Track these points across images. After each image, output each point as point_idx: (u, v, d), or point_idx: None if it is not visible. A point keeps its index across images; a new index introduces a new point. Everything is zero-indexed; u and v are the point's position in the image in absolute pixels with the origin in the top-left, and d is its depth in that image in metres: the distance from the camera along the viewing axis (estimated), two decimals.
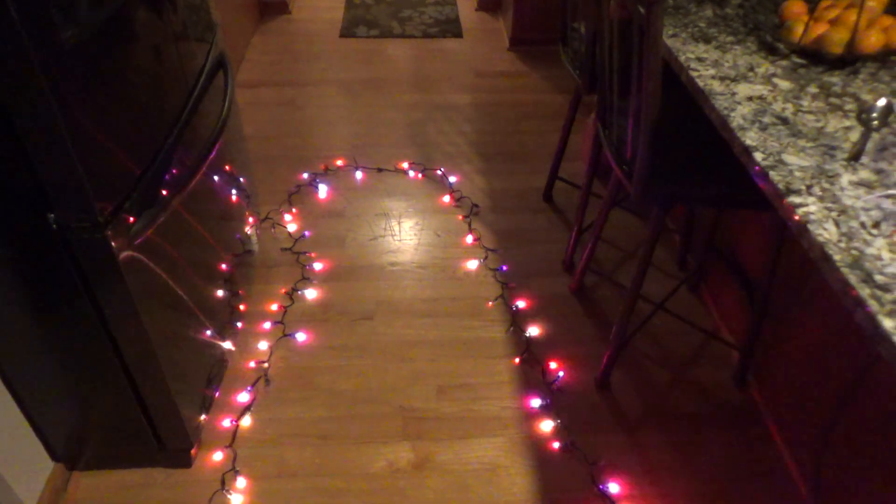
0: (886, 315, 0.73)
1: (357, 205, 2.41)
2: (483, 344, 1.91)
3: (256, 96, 3.03)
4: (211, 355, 1.70)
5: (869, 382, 1.21)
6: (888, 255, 0.80)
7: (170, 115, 1.39)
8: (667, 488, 1.56)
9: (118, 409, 1.45)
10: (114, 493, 1.52)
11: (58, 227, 1.10)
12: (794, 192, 0.90)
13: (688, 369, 1.86)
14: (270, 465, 1.59)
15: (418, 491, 1.55)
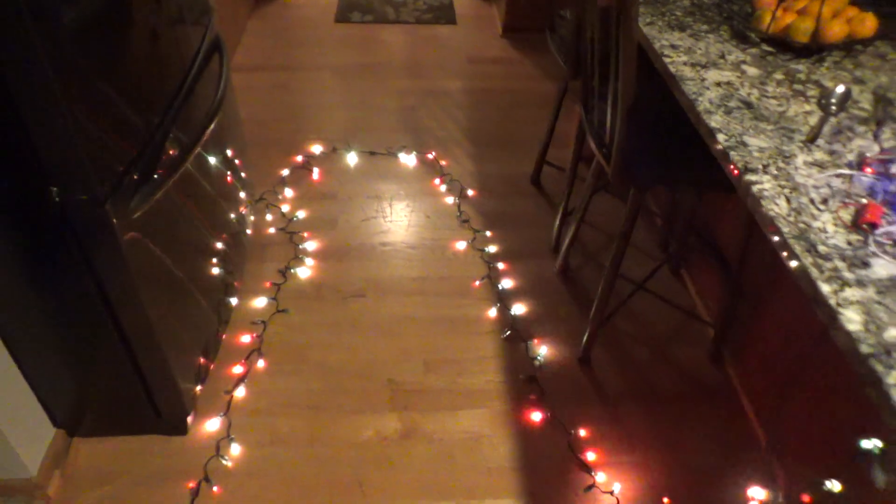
0: (825, 281, 0.79)
1: (349, 187, 2.47)
2: (470, 321, 1.98)
3: (251, 80, 3.07)
4: (206, 329, 1.76)
5: (822, 352, 1.29)
6: (832, 229, 0.87)
7: (166, 95, 1.45)
8: (642, 457, 1.64)
9: (117, 379, 1.52)
10: (112, 458, 1.59)
11: (59, 201, 1.16)
12: (751, 171, 0.97)
13: (666, 347, 1.93)
14: (263, 433, 1.66)
15: (405, 458, 1.62)
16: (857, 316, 0.75)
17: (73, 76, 1.07)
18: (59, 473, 1.55)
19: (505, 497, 1.55)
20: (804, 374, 1.36)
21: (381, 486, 1.56)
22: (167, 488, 1.54)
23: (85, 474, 1.56)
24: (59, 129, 1.09)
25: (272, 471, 1.58)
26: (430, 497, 1.54)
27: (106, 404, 1.59)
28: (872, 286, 0.79)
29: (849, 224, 0.88)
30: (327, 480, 1.57)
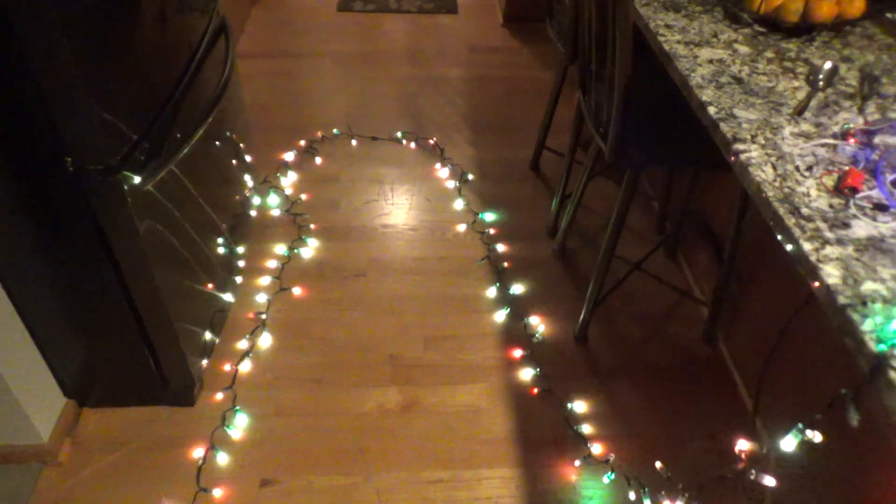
0: (807, 240, 0.84)
1: (351, 171, 2.51)
2: (469, 300, 2.02)
3: (254, 67, 3.11)
4: (212, 305, 1.80)
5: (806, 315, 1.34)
6: (815, 193, 0.91)
7: (175, 72, 1.49)
8: (635, 430, 1.68)
9: (126, 349, 1.56)
10: (121, 427, 1.64)
11: (73, 171, 1.20)
12: (739, 141, 1.01)
13: (661, 326, 1.97)
14: (268, 405, 1.71)
15: (405, 430, 1.67)
16: (837, 271, 0.80)
17: (89, 54, 1.11)
18: (70, 441, 1.59)
19: (502, 466, 1.60)
20: (788, 340, 1.41)
21: (381, 455, 1.61)
22: (174, 456, 1.58)
23: (95, 442, 1.61)
24: (76, 101, 1.13)
25: (276, 440, 1.63)
26: (429, 465, 1.59)
27: (115, 375, 1.64)
28: (851, 245, 0.84)
29: (831, 189, 0.92)
30: (330, 449, 1.62)
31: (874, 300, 0.76)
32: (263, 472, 1.56)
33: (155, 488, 1.52)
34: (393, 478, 1.56)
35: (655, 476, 1.56)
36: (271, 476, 1.56)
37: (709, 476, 1.34)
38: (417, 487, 1.55)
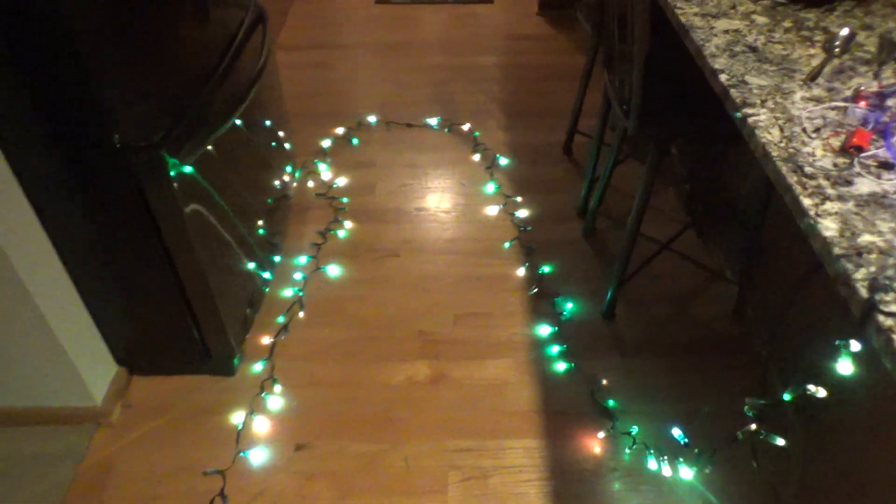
0: (807, 196, 0.86)
1: (386, 157, 2.58)
2: (498, 279, 2.07)
3: (294, 59, 3.21)
4: (252, 282, 1.90)
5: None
6: (820, 153, 0.93)
7: (214, 58, 1.58)
8: (661, 405, 1.70)
9: (172, 322, 1.66)
10: (167, 394, 1.74)
11: (120, 147, 1.29)
12: (748, 105, 1.03)
13: (689, 305, 1.98)
14: (303, 375, 1.79)
15: (433, 401, 1.73)
16: (834, 224, 0.81)
17: (134, 38, 1.20)
18: (121, 405, 1.71)
19: (526, 437, 1.64)
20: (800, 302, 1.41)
21: (409, 424, 1.67)
22: (216, 421, 1.68)
23: (143, 406, 1.71)
24: (122, 83, 1.22)
25: (310, 408, 1.71)
26: (455, 435, 1.64)
27: (162, 345, 1.74)
28: (852, 200, 0.85)
29: (837, 149, 0.93)
30: (360, 417, 1.69)
31: (870, 251, 0.78)
32: (298, 438, 1.64)
33: (198, 450, 1.61)
34: (420, 445, 1.62)
35: (675, 444, 1.58)
36: (305, 441, 1.64)
37: (723, 438, 1.34)
38: (443, 455, 1.60)
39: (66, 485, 1.54)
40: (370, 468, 1.58)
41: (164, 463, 1.59)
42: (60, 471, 1.57)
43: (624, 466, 1.57)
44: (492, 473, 1.57)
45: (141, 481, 1.55)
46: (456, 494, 1.53)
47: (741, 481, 1.51)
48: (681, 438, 1.57)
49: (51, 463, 1.58)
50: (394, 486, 1.55)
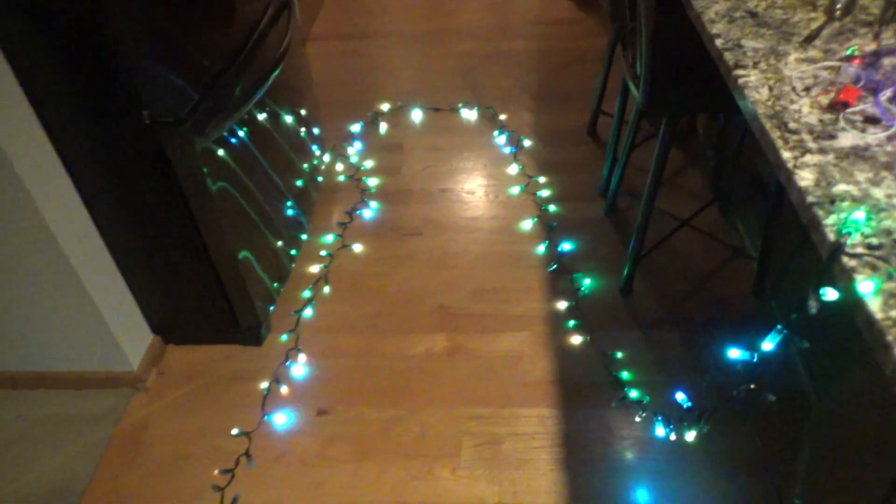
0: (788, 150, 0.87)
1: (413, 140, 2.64)
2: (518, 256, 2.10)
3: (327, 49, 3.30)
4: (279, 257, 1.98)
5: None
6: (807, 110, 0.94)
7: (239, 40, 1.66)
8: (676, 378, 1.71)
9: (203, 293, 1.75)
10: (199, 362, 1.84)
11: (149, 122, 1.38)
12: (740, 67, 1.04)
13: (709, 281, 1.98)
14: (327, 346, 1.86)
15: (450, 371, 1.78)
16: (811, 175, 0.83)
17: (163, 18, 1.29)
18: (155, 371, 1.81)
19: (540, 406, 1.68)
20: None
21: (427, 392, 1.73)
22: (244, 387, 1.77)
23: (176, 373, 1.82)
24: (151, 61, 1.31)
25: (332, 377, 1.78)
26: (470, 403, 1.69)
27: (194, 316, 1.84)
28: (833, 153, 0.86)
29: (825, 106, 0.94)
30: (380, 386, 1.75)
31: (843, 199, 0.79)
32: (320, 403, 1.72)
33: (226, 414, 1.71)
34: (436, 412, 1.68)
35: (681, 410, 1.59)
36: (327, 407, 1.71)
37: (722, 397, 1.36)
38: (458, 422, 1.66)
39: (105, 442, 1.66)
40: (388, 433, 1.64)
41: (195, 425, 1.69)
42: (100, 430, 1.68)
43: (634, 435, 1.59)
44: (504, 440, 1.61)
45: (173, 441, 1.65)
46: (469, 458, 1.58)
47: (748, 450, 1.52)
48: (684, 402, 1.58)
49: (91, 422, 1.70)
50: (410, 449, 1.61)
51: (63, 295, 1.55)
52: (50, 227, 1.42)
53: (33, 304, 1.58)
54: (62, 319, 1.62)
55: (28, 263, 1.49)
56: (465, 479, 1.54)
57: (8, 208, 1.38)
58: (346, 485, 1.54)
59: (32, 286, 1.54)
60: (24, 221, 1.40)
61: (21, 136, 1.34)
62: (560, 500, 1.48)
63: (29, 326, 1.63)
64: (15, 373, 1.74)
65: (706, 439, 1.54)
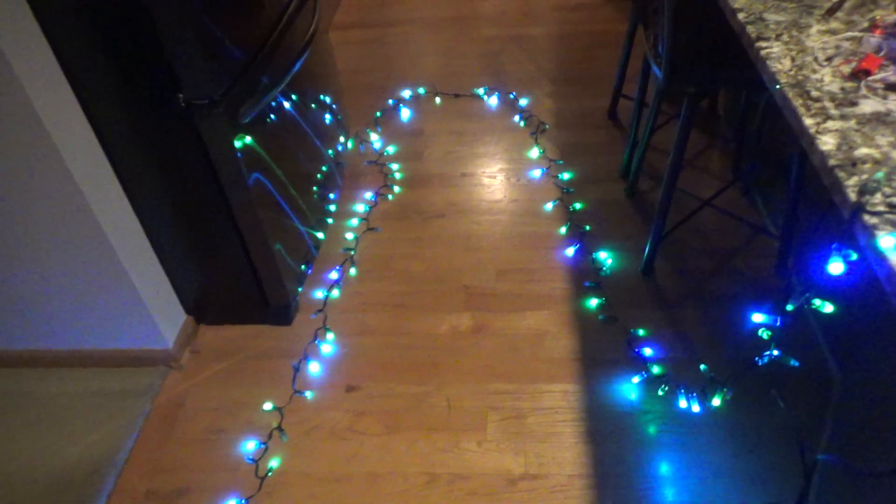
0: (810, 117, 0.90)
1: (435, 125, 2.68)
2: (541, 237, 2.13)
3: (348, 37, 3.35)
4: (307, 240, 2.03)
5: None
6: (829, 79, 0.96)
7: (268, 24, 1.71)
8: (698, 354, 1.73)
9: (235, 275, 1.81)
10: (230, 341, 1.90)
11: (185, 105, 1.43)
12: (763, 39, 1.06)
13: (731, 260, 1.99)
14: (354, 325, 1.91)
15: (475, 348, 1.82)
16: (833, 140, 0.85)
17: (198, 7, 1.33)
18: (189, 350, 1.87)
19: (563, 382, 1.71)
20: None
21: (453, 369, 1.77)
22: (275, 364, 1.82)
23: (209, 352, 1.88)
24: (188, 46, 1.36)
25: (361, 354, 1.83)
26: (495, 379, 1.73)
27: (225, 297, 1.90)
28: (854, 119, 0.88)
29: (846, 75, 0.96)
30: (407, 363, 1.80)
31: (864, 162, 0.81)
32: (349, 380, 1.77)
33: (258, 390, 1.76)
34: (462, 388, 1.72)
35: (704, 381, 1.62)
36: (356, 383, 1.76)
37: (744, 365, 1.37)
38: (483, 397, 1.70)
39: (143, 418, 1.72)
40: (415, 407, 1.69)
41: (229, 401, 1.74)
42: (138, 406, 1.75)
43: (657, 409, 1.62)
44: (529, 414, 1.65)
45: (209, 416, 1.71)
46: (494, 431, 1.62)
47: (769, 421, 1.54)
48: (707, 373, 1.61)
49: (130, 399, 1.76)
50: (437, 423, 1.65)
51: (104, 276, 1.61)
52: (93, 210, 1.47)
53: (77, 285, 1.64)
54: (105, 300, 1.68)
55: (73, 247, 1.55)
56: (491, 452, 1.58)
57: (53, 191, 1.44)
58: (377, 456, 1.59)
59: (77, 268, 1.60)
60: (67, 204, 1.46)
61: (63, 118, 1.39)
62: (585, 471, 1.52)
63: (73, 307, 1.70)
64: (59, 351, 1.81)
65: (728, 411, 1.56)
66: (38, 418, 1.74)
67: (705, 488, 1.46)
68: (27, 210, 1.48)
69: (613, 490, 1.48)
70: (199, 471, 1.60)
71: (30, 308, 1.71)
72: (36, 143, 1.36)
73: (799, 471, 1.28)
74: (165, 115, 1.47)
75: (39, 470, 1.62)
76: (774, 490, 1.43)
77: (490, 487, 1.51)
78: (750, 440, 1.52)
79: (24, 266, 1.61)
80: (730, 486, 1.46)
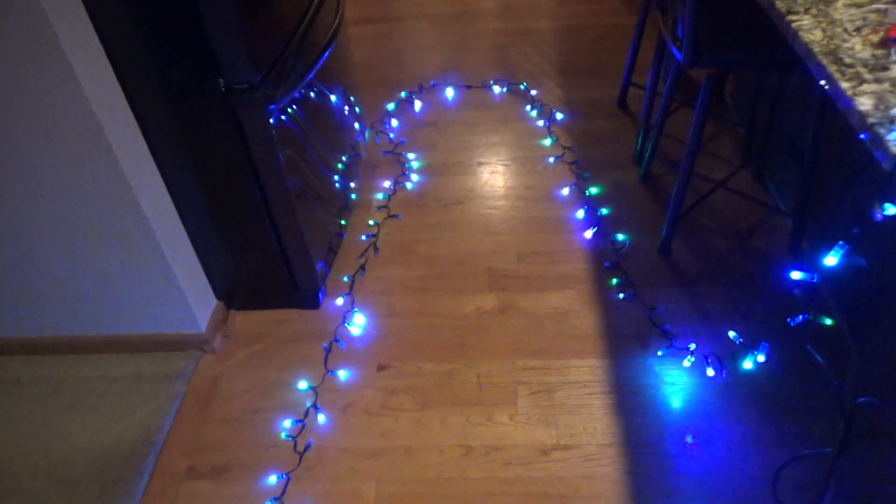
0: (846, 81, 0.95)
1: (447, 116, 2.73)
2: (559, 221, 2.19)
3: (359, 32, 3.39)
4: (332, 228, 2.07)
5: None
6: (860, 47, 1.02)
7: (299, 13, 1.75)
8: (718, 328, 1.79)
9: (265, 261, 1.85)
10: (260, 325, 1.94)
11: (225, 89, 1.47)
12: (793, 13, 1.12)
13: (745, 239, 2.05)
14: (381, 308, 1.96)
15: (501, 327, 1.86)
16: (870, 101, 0.91)
17: None
18: (220, 335, 1.91)
19: (590, 357, 1.76)
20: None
21: (480, 347, 1.81)
22: (305, 347, 1.86)
23: (240, 336, 1.92)
24: (230, 32, 1.40)
25: (389, 335, 1.88)
26: (522, 356, 1.78)
27: (255, 281, 1.94)
28: (888, 82, 0.94)
29: (876, 43, 1.02)
30: (435, 342, 1.84)
31: None
32: (379, 359, 1.81)
33: (291, 371, 1.80)
34: (490, 365, 1.77)
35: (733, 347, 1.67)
36: (386, 362, 1.80)
37: (776, 326, 1.42)
38: (512, 372, 1.74)
39: (180, 398, 1.75)
40: (446, 384, 1.73)
41: (263, 382, 1.78)
42: (174, 387, 1.78)
43: (683, 380, 1.67)
44: (557, 388, 1.70)
45: (244, 397, 1.75)
46: (525, 405, 1.66)
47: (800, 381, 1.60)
48: (736, 338, 1.67)
49: (166, 381, 1.80)
50: (468, 398, 1.69)
51: (144, 260, 1.65)
52: (136, 197, 1.51)
53: (115, 271, 1.67)
54: (141, 285, 1.71)
55: (114, 233, 1.59)
56: (523, 424, 1.62)
57: (98, 178, 1.48)
58: (412, 432, 1.63)
59: (117, 254, 1.63)
60: (112, 191, 1.50)
61: (108, 104, 1.43)
62: (616, 441, 1.57)
63: (110, 293, 1.73)
64: (94, 336, 1.84)
65: (758, 376, 1.62)
66: (75, 403, 1.77)
67: (735, 452, 1.51)
68: (69, 194, 1.52)
69: (645, 457, 1.53)
70: (238, 448, 1.64)
71: (69, 294, 1.74)
72: (84, 130, 1.39)
73: (832, 427, 1.34)
74: (204, 102, 1.51)
75: (79, 452, 1.65)
76: (810, 445, 1.48)
77: (525, 458, 1.56)
78: (781, 402, 1.58)
79: (64, 252, 1.64)
80: (761, 447, 1.51)
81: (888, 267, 1.42)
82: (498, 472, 1.54)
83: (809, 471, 1.44)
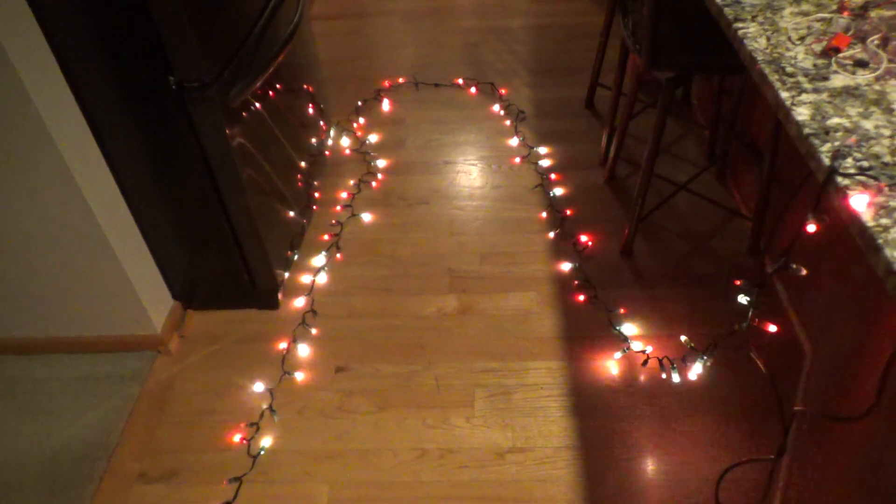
0: (786, 90, 0.95)
1: (416, 114, 2.71)
2: (522, 222, 2.18)
3: (329, 27, 3.36)
4: (292, 227, 2.05)
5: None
6: (802, 56, 1.02)
7: (255, 12, 1.72)
8: (676, 330, 1.80)
9: (222, 259, 1.82)
10: (218, 325, 1.91)
11: (176, 87, 1.45)
12: (740, 20, 1.12)
13: (707, 241, 2.07)
14: (341, 308, 1.94)
15: (462, 328, 1.86)
16: (807, 111, 0.91)
17: None
18: (177, 335, 1.88)
19: (548, 359, 1.76)
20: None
21: (440, 348, 1.81)
22: (263, 348, 1.84)
23: (197, 336, 1.89)
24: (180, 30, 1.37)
25: (349, 336, 1.86)
26: (481, 357, 1.78)
27: (213, 281, 1.91)
28: (826, 92, 0.94)
29: (818, 52, 1.02)
30: (394, 344, 1.83)
31: (836, 130, 0.87)
32: (338, 361, 1.80)
33: (247, 372, 1.78)
34: (449, 366, 1.76)
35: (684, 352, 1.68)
36: (344, 364, 1.79)
37: (722, 333, 1.43)
38: (470, 374, 1.74)
39: (133, 401, 1.73)
40: (404, 386, 1.72)
41: (218, 383, 1.76)
42: (129, 389, 1.75)
43: (640, 382, 1.68)
44: (515, 390, 1.70)
45: (199, 398, 1.73)
46: (482, 407, 1.66)
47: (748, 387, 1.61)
48: (686, 343, 1.68)
49: (120, 382, 1.77)
50: (425, 401, 1.69)
51: (94, 262, 1.62)
52: (84, 196, 1.48)
53: (67, 272, 1.64)
54: (93, 286, 1.68)
55: (63, 234, 1.56)
56: (479, 427, 1.62)
57: (44, 177, 1.44)
58: (368, 434, 1.62)
59: (67, 255, 1.60)
60: (59, 190, 1.47)
61: (55, 102, 1.39)
62: (571, 443, 1.57)
63: (62, 294, 1.70)
64: (46, 338, 1.81)
65: (709, 380, 1.63)
66: (27, 404, 1.73)
67: (687, 455, 1.52)
68: (16, 196, 1.48)
69: (598, 460, 1.54)
70: (191, 452, 1.61)
71: (20, 295, 1.70)
72: (27, 128, 1.36)
73: (776, 432, 1.35)
74: (156, 100, 1.48)
75: (31, 454, 1.62)
76: (754, 451, 1.50)
77: (480, 460, 1.55)
78: (730, 406, 1.59)
79: (13, 253, 1.60)
80: (708, 451, 1.52)
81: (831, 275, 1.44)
82: (453, 475, 1.53)
83: (754, 476, 1.46)
